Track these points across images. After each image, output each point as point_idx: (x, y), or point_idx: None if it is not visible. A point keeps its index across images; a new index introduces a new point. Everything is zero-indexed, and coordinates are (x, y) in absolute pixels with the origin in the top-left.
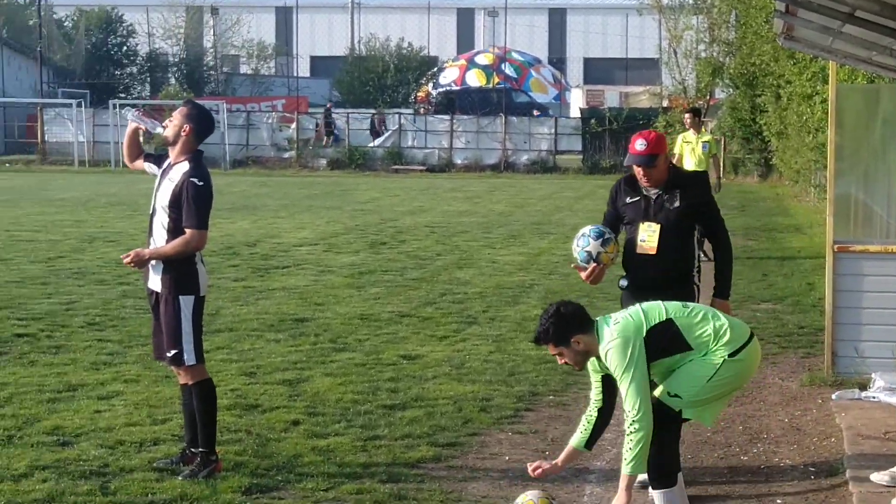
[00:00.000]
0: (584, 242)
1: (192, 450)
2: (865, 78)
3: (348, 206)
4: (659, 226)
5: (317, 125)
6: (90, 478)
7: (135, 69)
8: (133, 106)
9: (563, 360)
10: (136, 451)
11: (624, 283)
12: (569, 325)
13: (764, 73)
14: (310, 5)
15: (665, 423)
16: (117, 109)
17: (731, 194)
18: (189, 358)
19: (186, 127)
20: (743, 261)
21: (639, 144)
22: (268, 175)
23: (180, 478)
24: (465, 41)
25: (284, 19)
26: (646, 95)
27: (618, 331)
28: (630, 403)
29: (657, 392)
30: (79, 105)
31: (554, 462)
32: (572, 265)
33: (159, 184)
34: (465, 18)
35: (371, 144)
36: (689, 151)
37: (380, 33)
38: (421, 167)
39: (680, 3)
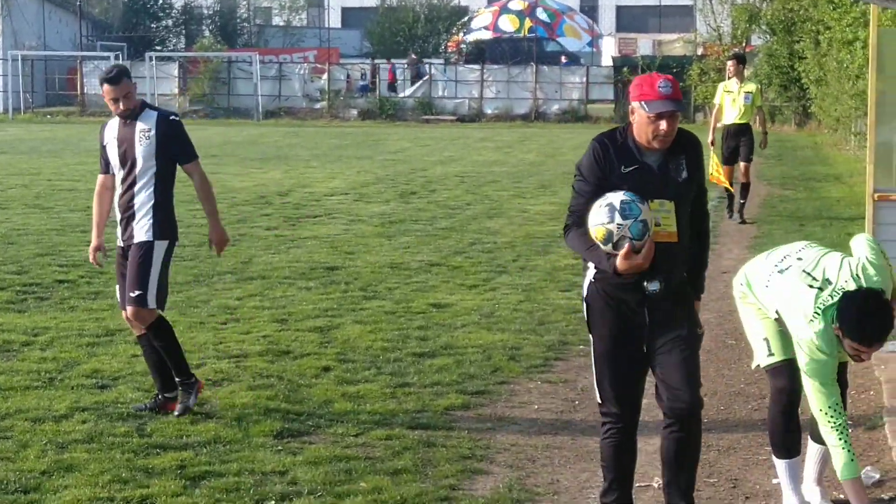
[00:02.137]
0: (631, 210)
1: (167, 395)
2: None
3: (379, 156)
4: (673, 204)
5: (348, 76)
6: (127, 420)
7: (170, 22)
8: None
9: (862, 359)
10: None
11: (656, 286)
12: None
13: (802, 18)
14: None
15: None
16: (153, 62)
17: (769, 143)
18: (151, 301)
19: (130, 89)
20: (780, 210)
21: (664, 86)
22: (300, 125)
23: (175, 415)
24: None
25: None
26: (680, 43)
27: None
28: None
29: None
30: (116, 57)
31: None
32: (615, 248)
33: (129, 146)
34: None
35: (402, 95)
36: (729, 102)
37: None
38: (451, 117)
39: None
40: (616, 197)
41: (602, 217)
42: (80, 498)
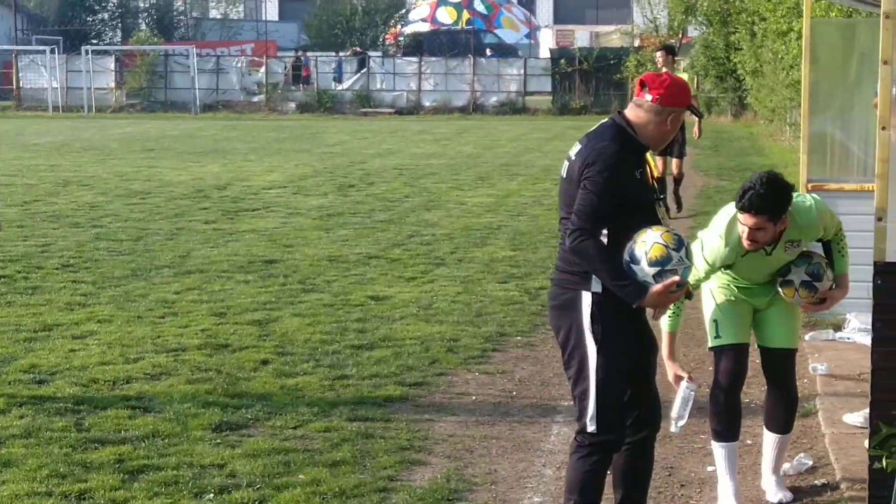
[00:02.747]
0: (689, 254)
1: None
2: (841, 13)
3: (317, 149)
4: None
5: (286, 68)
6: (65, 414)
7: (106, 15)
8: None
9: (754, 239)
10: (109, 388)
11: None
12: (788, 200)
13: (738, 9)
14: None
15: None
16: (89, 55)
17: (705, 134)
18: None
19: None
20: (716, 201)
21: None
22: (237, 119)
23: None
24: None
25: None
26: (617, 35)
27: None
28: (835, 218)
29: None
30: (52, 51)
31: (675, 363)
32: (658, 276)
33: None
34: None
35: (340, 87)
36: None
37: None
38: (390, 110)
39: None
40: (679, 232)
41: (671, 241)
42: (17, 493)
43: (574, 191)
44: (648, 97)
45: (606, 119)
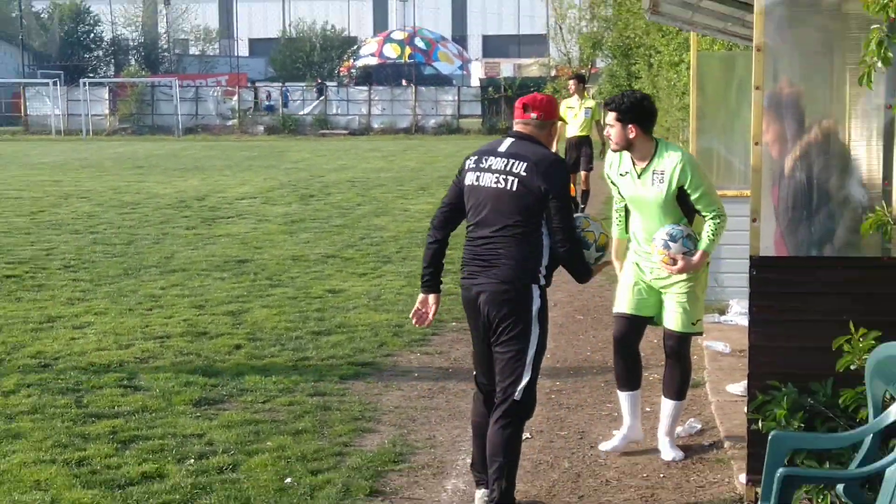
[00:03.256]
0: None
1: None
2: (723, 46)
3: (283, 166)
4: None
5: (256, 96)
6: (67, 393)
7: (101, 53)
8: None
9: (607, 134)
10: (105, 371)
11: None
12: (641, 114)
13: (637, 44)
14: None
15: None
16: (87, 87)
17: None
18: None
19: None
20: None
21: None
22: (214, 140)
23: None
24: (380, 23)
25: (226, 7)
26: (536, 66)
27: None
28: (714, 201)
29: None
30: (54, 84)
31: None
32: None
33: None
34: (380, 3)
35: (301, 112)
36: (571, 117)
37: (307, 17)
38: (344, 131)
39: None
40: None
41: (607, 230)
42: (26, 461)
43: (528, 200)
44: (533, 115)
45: (506, 138)
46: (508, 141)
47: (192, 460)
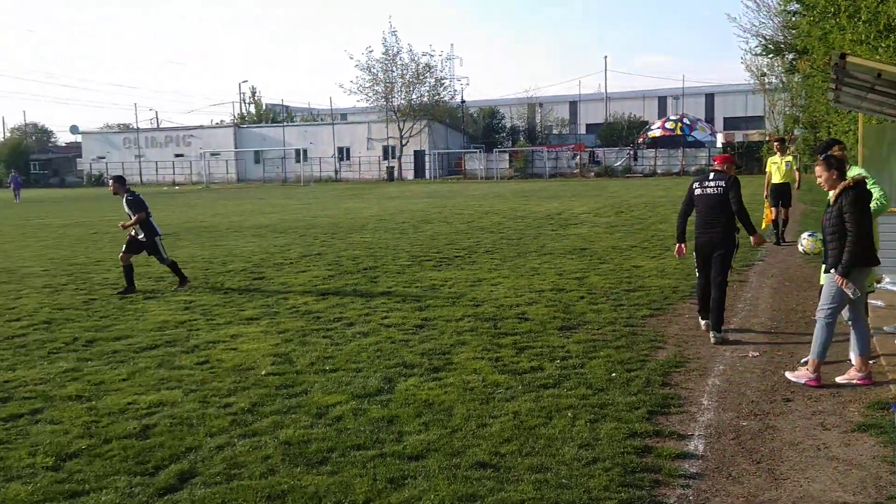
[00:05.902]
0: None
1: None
2: (878, 121)
3: (604, 195)
4: None
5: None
6: (487, 321)
7: (504, 133)
8: None
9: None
10: (509, 308)
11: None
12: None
13: (821, 120)
14: None
15: None
16: (497, 153)
17: (806, 187)
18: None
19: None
20: (811, 220)
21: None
22: (566, 181)
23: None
24: (661, 111)
25: (573, 109)
26: (756, 135)
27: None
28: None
29: None
30: (480, 151)
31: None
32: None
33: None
34: (662, 102)
35: (615, 164)
36: (775, 169)
37: (619, 111)
38: (639, 174)
39: (774, 86)
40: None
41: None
42: (467, 357)
43: (725, 197)
44: (716, 162)
45: (710, 172)
46: (712, 173)
47: (558, 361)
